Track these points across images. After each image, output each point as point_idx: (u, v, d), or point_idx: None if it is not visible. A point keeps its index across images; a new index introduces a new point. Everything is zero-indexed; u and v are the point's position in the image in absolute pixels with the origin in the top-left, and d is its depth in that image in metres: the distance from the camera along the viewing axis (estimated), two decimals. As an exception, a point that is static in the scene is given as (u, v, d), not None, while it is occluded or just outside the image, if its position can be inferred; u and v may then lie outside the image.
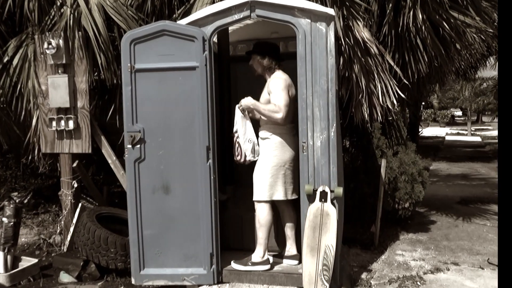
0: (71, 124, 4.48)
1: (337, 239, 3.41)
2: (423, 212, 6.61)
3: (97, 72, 4.68)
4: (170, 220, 3.65)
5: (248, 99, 3.69)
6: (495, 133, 23.62)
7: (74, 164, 4.64)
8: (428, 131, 27.12)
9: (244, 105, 3.68)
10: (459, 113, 40.58)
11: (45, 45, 4.38)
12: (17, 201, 4.21)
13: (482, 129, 31.16)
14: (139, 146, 3.62)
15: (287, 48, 4.32)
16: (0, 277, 3.97)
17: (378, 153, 5.49)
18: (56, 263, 4.27)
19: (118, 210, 4.56)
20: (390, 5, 4.55)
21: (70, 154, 4.61)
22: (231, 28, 4.22)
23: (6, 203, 4.16)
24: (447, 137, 24.14)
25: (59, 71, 4.46)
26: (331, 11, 3.44)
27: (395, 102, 4.49)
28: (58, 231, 4.89)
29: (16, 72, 4.62)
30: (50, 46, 4.36)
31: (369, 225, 5.10)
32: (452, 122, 38.53)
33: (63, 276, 4.09)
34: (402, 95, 4.58)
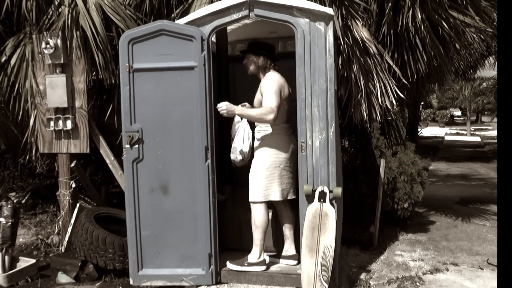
0: (69, 124, 4.46)
1: (336, 239, 3.40)
2: (422, 212, 6.60)
3: (95, 72, 4.67)
4: (169, 220, 3.65)
5: (230, 106, 3.57)
6: (494, 133, 23.62)
7: (72, 164, 4.62)
8: (427, 131, 27.10)
9: (228, 109, 3.54)
10: (459, 113, 40.56)
11: (43, 45, 4.37)
12: (15, 201, 4.19)
13: (482, 129, 31.18)
14: (137, 146, 3.61)
15: (286, 48, 4.30)
16: (-2, 278, 3.96)
17: (377, 153, 5.48)
18: (54, 264, 4.26)
19: (116, 210, 4.55)
20: (389, 5, 4.54)
21: (68, 154, 4.60)
22: (229, 28, 4.21)
23: (4, 203, 4.14)
24: (447, 137, 24.16)
25: (57, 70, 4.45)
26: (330, 11, 3.44)
27: (394, 102, 4.48)
28: (56, 231, 4.88)
29: (14, 72, 4.61)
30: (48, 46, 4.35)
31: (368, 225, 5.09)
32: (451, 122, 38.53)
33: (61, 277, 4.08)
34: (401, 95, 4.56)
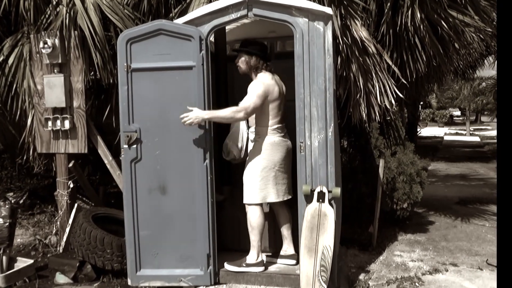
0: (67, 124, 4.45)
1: (334, 239, 3.39)
2: (421, 212, 6.59)
3: (93, 72, 4.65)
4: (167, 220, 3.64)
5: (198, 112, 3.44)
6: (494, 133, 23.65)
7: (70, 164, 4.60)
8: (427, 131, 27.10)
9: (195, 117, 3.41)
10: (458, 113, 40.58)
11: (41, 45, 4.35)
12: (12, 201, 4.20)
13: (481, 129, 31.20)
14: (135, 146, 3.60)
15: (284, 48, 4.29)
16: (-4, 278, 3.95)
17: (376, 153, 5.47)
18: (52, 264, 4.24)
19: (114, 210, 4.54)
20: (388, 4, 4.53)
21: (66, 154, 4.58)
22: (228, 27, 4.19)
23: (1, 203, 4.12)
24: (446, 137, 24.17)
25: (55, 70, 4.44)
26: (329, 10, 3.43)
27: (393, 101, 4.47)
28: (54, 231, 4.86)
29: (11, 72, 4.59)
30: (46, 46, 4.33)
31: (367, 225, 5.08)
32: (450, 122, 38.55)
33: (59, 277, 4.06)
34: (400, 95, 4.56)
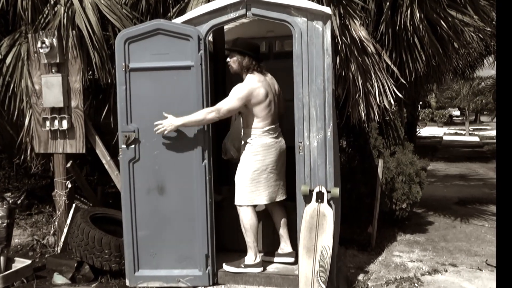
0: (65, 124, 4.43)
1: (333, 240, 3.38)
2: (420, 212, 6.57)
3: (91, 72, 4.63)
4: (165, 221, 3.63)
5: (171, 120, 3.45)
6: (493, 133, 23.66)
7: (68, 164, 4.58)
8: (426, 131, 27.12)
9: (169, 125, 3.44)
10: (457, 112, 40.59)
11: (39, 44, 4.33)
12: (10, 201, 4.17)
13: (481, 129, 31.19)
14: (133, 146, 3.59)
15: (283, 47, 4.29)
16: (-7, 279, 3.93)
17: (375, 153, 5.46)
18: (50, 265, 4.22)
19: (112, 210, 4.52)
20: (387, 4, 4.53)
21: (64, 154, 4.56)
22: (226, 27, 4.19)
23: (-1, 203, 4.12)
24: (445, 137, 24.15)
25: (53, 70, 4.41)
26: (328, 10, 3.42)
27: (392, 101, 4.46)
28: (51, 232, 4.84)
29: (9, 71, 4.57)
30: (44, 45, 4.31)
31: (366, 226, 5.07)
32: (450, 122, 38.54)
33: (56, 278, 4.05)
34: (400, 95, 4.55)
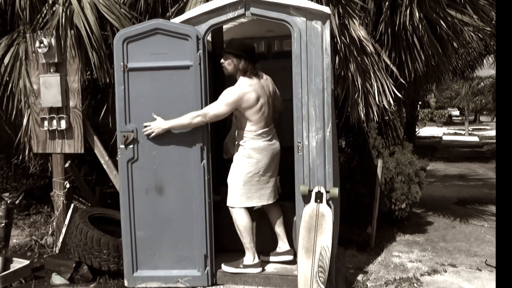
0: (63, 124, 4.41)
1: (332, 240, 3.37)
2: (420, 213, 6.56)
3: (90, 71, 4.62)
4: (164, 221, 3.62)
5: (159, 122, 3.50)
6: (493, 133, 23.64)
7: (66, 165, 4.57)
8: (425, 131, 27.13)
9: (157, 127, 3.49)
10: (457, 112, 40.60)
11: (37, 44, 4.31)
12: (8, 201, 4.16)
13: (480, 129, 31.19)
14: (132, 146, 3.58)
15: (282, 47, 4.29)
16: (-9, 279, 3.92)
17: (375, 153, 5.45)
18: (48, 265, 4.20)
19: (111, 211, 4.50)
20: (387, 3, 4.52)
21: (62, 154, 4.54)
22: (225, 27, 4.18)
23: (-3, 204, 4.11)
24: (445, 137, 24.15)
25: (51, 70, 4.40)
26: (327, 9, 3.41)
27: (391, 101, 4.45)
28: (50, 232, 4.82)
29: (7, 71, 4.55)
30: (42, 45, 4.30)
31: (365, 226, 5.06)
32: (449, 121, 38.55)
33: (55, 278, 4.03)
34: (399, 95, 4.54)
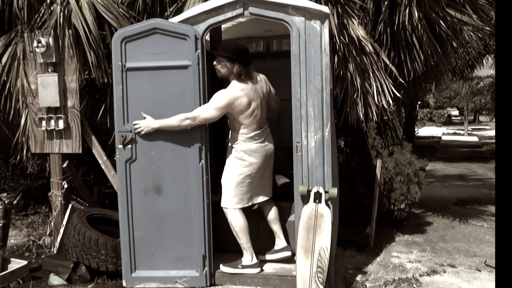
0: (61, 124, 4.41)
1: (331, 240, 3.36)
2: (419, 213, 6.56)
3: (88, 71, 4.60)
4: (162, 221, 3.61)
5: (149, 121, 3.50)
6: (492, 133, 23.67)
7: (64, 165, 4.56)
8: (424, 131, 27.16)
9: (146, 125, 3.49)
10: (456, 112, 40.63)
11: (35, 44, 4.31)
12: (6, 202, 4.14)
13: (479, 129, 31.21)
14: (130, 146, 3.57)
15: (281, 46, 4.28)
16: (-11, 280, 3.91)
17: (373, 153, 5.44)
18: (46, 265, 4.20)
19: (109, 211, 4.50)
20: (386, 3, 4.51)
21: (60, 154, 4.53)
22: (224, 26, 4.17)
23: (-5, 204, 4.10)
24: (444, 137, 24.16)
25: (49, 69, 4.39)
26: (326, 9, 3.40)
27: (390, 101, 4.45)
28: (48, 232, 4.81)
29: (5, 71, 4.54)
30: (40, 45, 4.29)
31: (364, 226, 5.05)
32: (448, 121, 38.60)
33: (53, 279, 4.02)
34: (398, 94, 4.53)
